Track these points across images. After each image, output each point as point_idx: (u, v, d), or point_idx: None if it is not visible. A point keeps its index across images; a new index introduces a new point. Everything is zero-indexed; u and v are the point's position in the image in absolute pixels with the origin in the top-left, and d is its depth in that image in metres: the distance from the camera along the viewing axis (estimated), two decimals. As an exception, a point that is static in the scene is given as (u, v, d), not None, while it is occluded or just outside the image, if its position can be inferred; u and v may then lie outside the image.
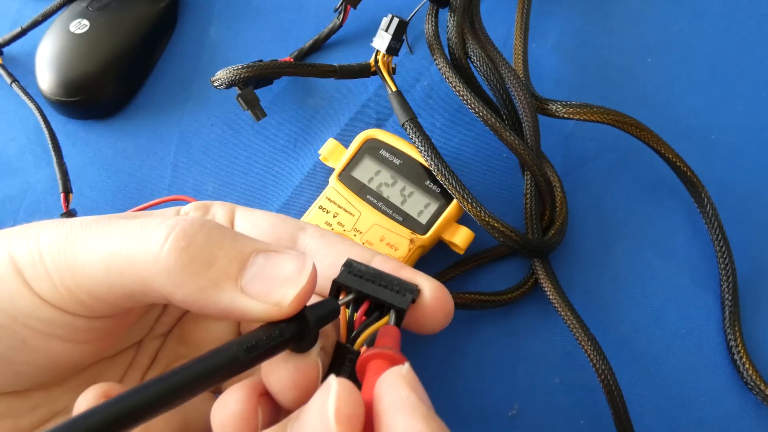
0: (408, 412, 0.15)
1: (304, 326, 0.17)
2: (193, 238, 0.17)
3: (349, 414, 0.15)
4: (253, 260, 0.18)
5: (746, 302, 0.32)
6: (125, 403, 0.14)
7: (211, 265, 0.17)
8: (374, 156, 0.34)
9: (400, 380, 0.16)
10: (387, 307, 0.19)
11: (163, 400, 0.14)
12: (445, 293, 0.20)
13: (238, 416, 0.18)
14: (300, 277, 0.17)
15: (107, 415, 0.14)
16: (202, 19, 0.42)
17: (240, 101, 0.34)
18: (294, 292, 0.17)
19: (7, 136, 0.39)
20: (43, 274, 0.18)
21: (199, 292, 0.17)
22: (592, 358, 0.30)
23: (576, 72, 0.39)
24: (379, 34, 0.33)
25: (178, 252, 0.17)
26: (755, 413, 0.31)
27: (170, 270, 0.17)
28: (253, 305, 0.17)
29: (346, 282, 0.19)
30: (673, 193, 0.35)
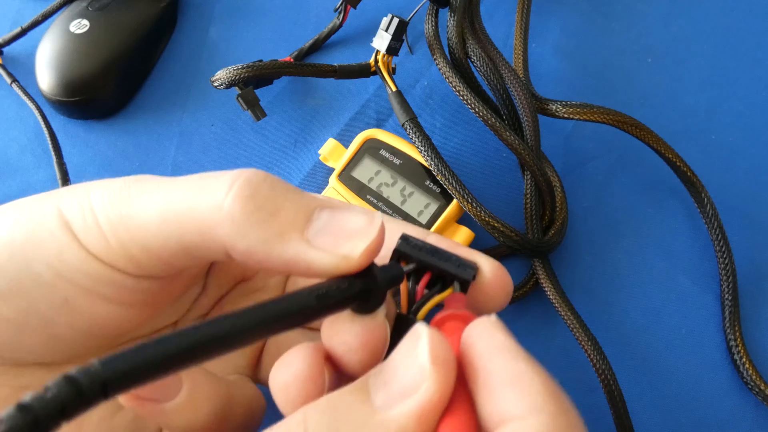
0: (507, 355, 0.15)
1: (371, 284, 0.17)
2: (258, 187, 0.17)
3: (444, 357, 0.14)
4: (319, 214, 0.17)
5: (746, 302, 0.32)
6: (194, 333, 0.13)
7: (276, 216, 0.16)
8: (374, 156, 0.34)
9: (492, 326, 0.15)
10: (450, 278, 0.18)
11: (232, 336, 0.14)
12: (504, 272, 0.20)
13: (304, 375, 0.17)
14: (370, 229, 0.16)
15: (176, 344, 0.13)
16: (202, 19, 0.42)
17: (240, 101, 0.34)
18: (364, 245, 0.16)
19: (7, 136, 0.39)
20: (93, 228, 0.17)
21: (264, 242, 0.16)
22: (592, 358, 0.30)
23: (576, 72, 0.39)
24: (379, 34, 0.33)
25: (242, 200, 0.16)
26: (755, 413, 0.31)
27: (234, 219, 0.16)
28: (320, 257, 0.16)
29: (407, 251, 0.18)
30: (673, 193, 0.35)
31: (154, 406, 0.17)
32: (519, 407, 0.13)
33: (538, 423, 0.13)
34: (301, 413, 0.15)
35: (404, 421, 0.14)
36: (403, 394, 0.14)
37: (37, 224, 0.18)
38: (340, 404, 0.15)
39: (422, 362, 0.14)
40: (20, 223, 0.18)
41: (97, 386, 0.11)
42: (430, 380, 0.14)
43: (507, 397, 0.14)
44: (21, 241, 0.17)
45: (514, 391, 0.14)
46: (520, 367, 0.14)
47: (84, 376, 0.11)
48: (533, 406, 0.13)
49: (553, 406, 0.14)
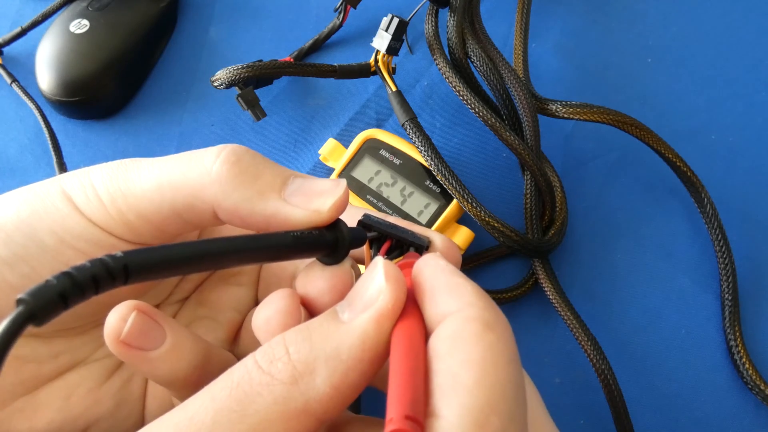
0: (447, 273, 0.17)
1: (339, 236, 0.19)
2: (242, 155, 0.20)
3: (395, 276, 0.17)
4: (293, 180, 0.20)
5: (746, 302, 0.32)
6: (197, 245, 0.16)
7: (257, 178, 0.19)
8: (374, 156, 0.34)
9: (436, 257, 0.18)
10: (406, 245, 0.21)
11: (225, 255, 0.16)
12: (453, 246, 0.22)
13: (284, 310, 0.19)
14: (336, 189, 0.19)
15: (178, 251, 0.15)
16: (202, 19, 0.42)
17: (240, 101, 0.34)
18: (332, 200, 0.19)
19: (7, 136, 0.39)
20: (93, 199, 0.20)
21: (247, 200, 0.19)
22: (592, 358, 0.30)
23: (576, 72, 0.39)
24: (379, 34, 0.33)
25: (229, 165, 0.19)
26: (755, 413, 0.31)
27: (221, 180, 0.19)
28: (295, 212, 0.19)
29: (370, 223, 0.21)
30: (673, 193, 0.35)
31: (140, 353, 0.19)
32: (455, 305, 0.16)
33: (471, 312, 0.16)
34: (281, 335, 0.17)
35: (365, 326, 0.16)
36: (364, 307, 0.17)
37: (42, 199, 0.20)
38: (313, 324, 0.17)
39: (378, 280, 0.17)
40: (26, 199, 0.20)
41: (120, 268, 0.14)
42: (385, 292, 0.17)
43: (446, 300, 0.16)
44: (27, 214, 0.20)
45: (451, 296, 0.16)
46: (457, 280, 0.17)
47: (111, 259, 0.14)
48: (467, 302, 0.16)
49: (483, 302, 0.16)
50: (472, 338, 0.15)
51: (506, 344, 0.16)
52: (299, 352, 0.16)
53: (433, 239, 0.22)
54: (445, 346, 0.15)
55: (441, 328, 0.16)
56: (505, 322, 0.16)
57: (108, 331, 0.19)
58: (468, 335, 0.15)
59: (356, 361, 0.16)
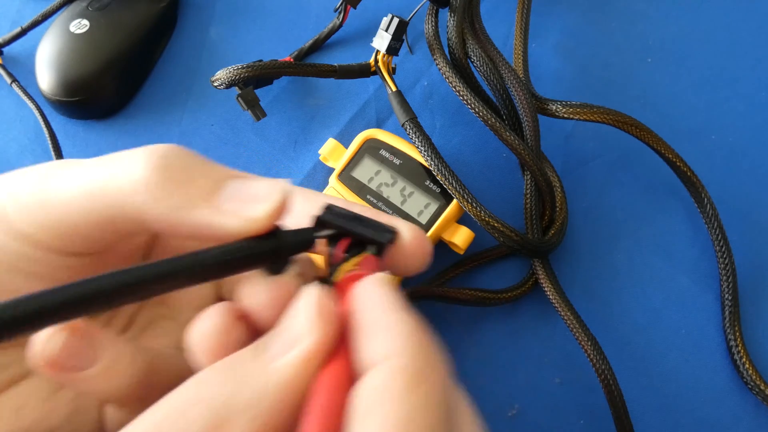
0: (382, 307, 0.16)
1: (277, 245, 0.18)
2: (171, 159, 0.18)
3: (324, 311, 0.15)
4: (227, 183, 0.18)
5: (746, 302, 0.32)
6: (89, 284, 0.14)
7: (187, 185, 0.18)
8: (374, 156, 0.34)
9: (375, 283, 0.17)
10: (367, 242, 0.19)
11: (133, 287, 0.15)
12: (422, 235, 0.21)
13: (216, 329, 0.18)
14: (273, 194, 0.18)
15: (60, 296, 0.14)
16: (202, 19, 0.42)
17: (240, 101, 0.34)
18: (266, 207, 0.17)
19: (7, 136, 0.39)
20: (17, 208, 0.18)
21: (176, 209, 0.17)
22: (592, 358, 0.30)
23: (576, 72, 0.39)
24: (379, 34, 0.33)
25: (156, 170, 0.17)
26: (755, 413, 0.31)
27: (148, 188, 0.17)
28: (227, 221, 0.17)
29: (327, 218, 0.19)
30: (673, 193, 0.35)
31: (72, 374, 0.18)
32: (384, 351, 0.15)
33: (400, 363, 0.14)
34: (202, 372, 0.16)
35: (288, 370, 0.15)
36: (289, 346, 0.15)
37: None
38: (237, 361, 0.16)
39: (305, 316, 0.16)
40: None
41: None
42: (311, 332, 0.15)
43: (376, 343, 0.15)
44: None
45: (384, 338, 0.15)
46: (391, 317, 0.15)
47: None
48: (396, 349, 0.15)
49: (413, 349, 0.15)
50: (396, 397, 0.14)
51: (434, 403, 0.14)
52: (216, 398, 0.15)
53: (400, 230, 0.20)
54: (365, 405, 0.14)
55: (366, 379, 0.15)
56: (440, 370, 0.15)
57: (33, 354, 0.17)
58: (391, 393, 0.14)
59: (277, 411, 0.15)
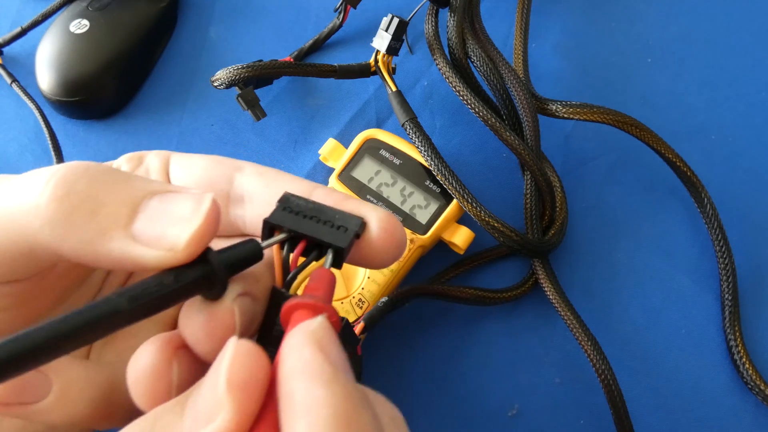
0: (308, 377, 0.13)
1: (207, 273, 0.16)
2: (74, 184, 0.16)
3: (243, 382, 0.13)
4: (146, 204, 0.16)
5: (746, 302, 0.32)
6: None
7: (96, 213, 0.15)
8: (374, 156, 0.34)
9: (305, 338, 0.14)
10: (325, 246, 0.17)
11: (19, 360, 0.13)
12: (393, 223, 0.18)
13: (149, 371, 0.16)
14: (194, 216, 0.15)
15: None
16: (202, 19, 0.42)
17: (240, 101, 0.34)
18: (187, 234, 0.15)
19: (7, 136, 0.39)
20: None
21: (87, 243, 0.15)
22: (592, 358, 0.30)
23: (576, 72, 0.39)
24: (379, 34, 0.33)
25: (57, 201, 0.15)
26: (755, 413, 0.31)
27: (52, 221, 0.15)
28: (146, 253, 0.15)
29: (278, 221, 0.17)
30: (673, 193, 0.35)
31: (23, 408, 0.17)
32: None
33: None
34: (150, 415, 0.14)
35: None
36: (205, 420, 0.13)
37: None
38: (157, 424, 0.14)
39: (220, 388, 0.13)
40: None
41: None
42: (226, 409, 0.13)
43: (295, 422, 0.13)
44: None
45: (303, 424, 0.13)
46: (315, 394, 0.13)
47: None
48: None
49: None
50: None
51: None
52: None
53: (368, 219, 0.18)
54: None
55: None
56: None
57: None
58: None
59: None
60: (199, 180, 0.21)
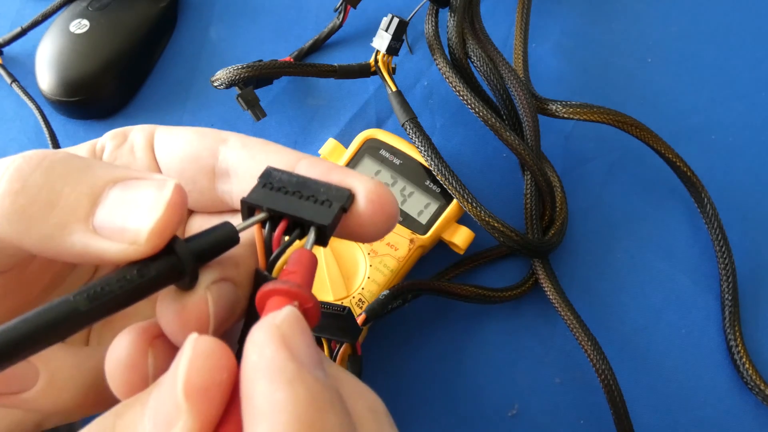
0: (268, 377, 0.12)
1: (174, 264, 0.15)
2: (29, 176, 0.15)
3: (203, 386, 0.13)
4: (107, 193, 0.15)
5: (746, 302, 0.32)
6: None
7: (55, 206, 0.15)
8: (374, 156, 0.34)
9: (267, 333, 0.13)
10: (307, 224, 0.16)
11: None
12: (383, 193, 0.17)
13: (124, 361, 0.15)
14: (156, 205, 0.15)
15: None
16: (202, 19, 0.42)
17: (240, 101, 0.34)
18: (149, 225, 0.14)
19: (7, 136, 0.39)
20: None
21: (47, 238, 0.15)
22: (592, 358, 0.30)
23: (576, 72, 0.39)
24: (379, 34, 0.33)
25: (12, 195, 0.15)
26: (755, 413, 0.31)
27: (9, 217, 0.15)
28: (108, 247, 0.14)
29: (256, 200, 0.16)
30: (673, 193, 0.35)
31: (11, 398, 0.17)
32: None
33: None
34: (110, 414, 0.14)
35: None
36: (165, 425, 0.13)
37: None
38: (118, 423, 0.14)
39: (177, 393, 0.13)
40: None
41: None
42: (184, 417, 0.12)
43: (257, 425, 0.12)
44: None
45: (264, 419, 0.12)
46: (275, 397, 0.12)
47: None
48: None
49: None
50: None
51: None
52: None
53: (356, 190, 0.17)
54: None
55: None
56: None
57: None
58: None
59: None
60: (183, 155, 0.20)
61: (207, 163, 0.19)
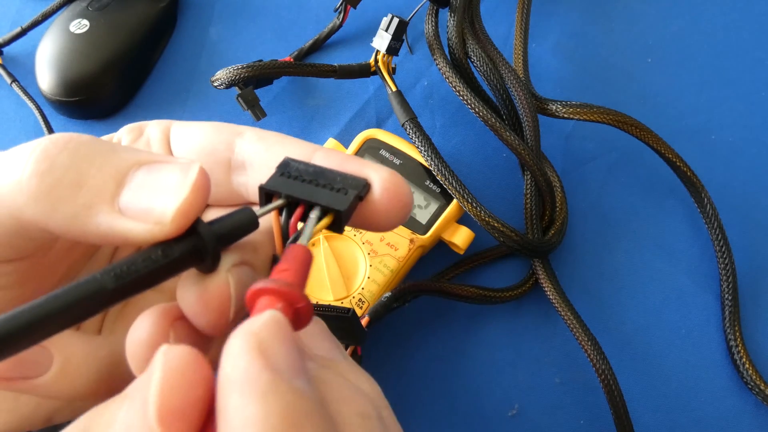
0: (241, 390, 0.12)
1: (197, 245, 0.15)
2: (56, 157, 0.15)
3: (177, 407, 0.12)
4: (132, 175, 0.15)
5: (746, 302, 0.32)
6: None
7: (81, 187, 0.15)
8: (374, 156, 0.34)
9: (243, 342, 0.13)
10: (323, 210, 0.16)
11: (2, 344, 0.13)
12: (398, 183, 0.17)
13: (145, 343, 0.16)
14: (181, 187, 0.15)
15: None
16: (202, 19, 0.42)
17: (240, 101, 0.34)
18: (174, 206, 0.14)
19: (7, 136, 0.39)
20: None
21: (73, 218, 0.15)
22: (592, 358, 0.30)
23: (576, 72, 0.39)
24: (379, 34, 0.33)
25: (39, 176, 0.15)
26: (755, 413, 0.31)
27: (36, 197, 0.15)
28: (133, 227, 0.15)
29: (274, 187, 0.16)
30: (673, 193, 0.35)
31: (25, 383, 0.17)
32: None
33: None
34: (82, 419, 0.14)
35: None
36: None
37: None
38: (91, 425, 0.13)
39: (150, 418, 0.12)
40: None
41: None
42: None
43: None
44: None
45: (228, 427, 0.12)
46: (247, 412, 0.12)
47: None
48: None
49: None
50: None
51: None
52: None
53: (371, 180, 0.17)
54: None
55: None
56: None
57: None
58: None
59: None
60: (200, 148, 0.20)
61: (223, 156, 0.20)
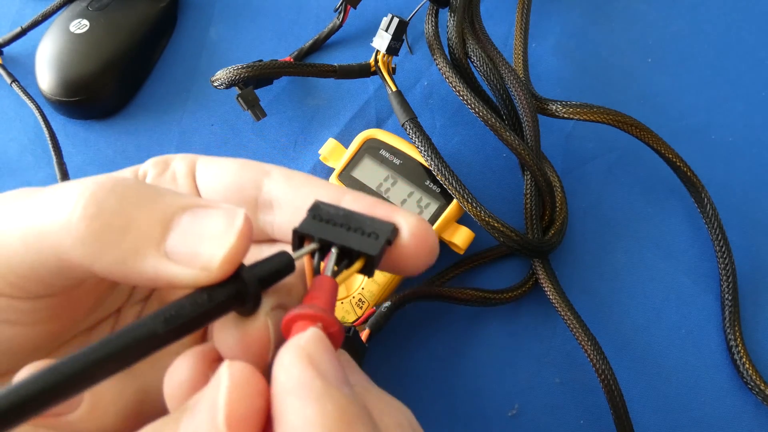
0: (297, 396, 0.13)
1: (240, 290, 0.16)
2: (104, 202, 0.15)
3: (243, 414, 0.13)
4: (178, 220, 0.16)
5: (746, 302, 0.32)
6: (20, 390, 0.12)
7: (128, 231, 0.15)
8: (374, 156, 0.34)
9: (294, 354, 0.14)
10: (355, 254, 0.17)
11: (58, 390, 0.13)
12: (426, 229, 0.18)
13: (185, 384, 0.16)
14: (227, 234, 0.15)
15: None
16: (202, 19, 0.42)
17: (240, 101, 0.34)
18: (221, 253, 0.15)
19: (7, 136, 0.39)
20: None
21: (120, 262, 0.15)
22: (592, 358, 0.30)
23: (576, 72, 0.39)
24: (379, 34, 0.33)
25: (88, 220, 0.15)
26: (755, 413, 0.31)
27: (83, 241, 0.15)
28: (179, 272, 0.15)
29: (308, 230, 0.17)
30: (673, 193, 0.35)
31: (56, 420, 0.17)
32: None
33: None
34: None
35: None
36: None
37: None
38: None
39: (219, 424, 0.13)
40: None
41: None
42: None
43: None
44: None
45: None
46: (305, 413, 0.13)
47: None
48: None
49: None
50: None
51: None
52: None
53: (399, 225, 0.18)
54: None
55: None
56: None
57: None
58: None
59: None
60: (227, 186, 0.20)
61: (250, 194, 0.20)
